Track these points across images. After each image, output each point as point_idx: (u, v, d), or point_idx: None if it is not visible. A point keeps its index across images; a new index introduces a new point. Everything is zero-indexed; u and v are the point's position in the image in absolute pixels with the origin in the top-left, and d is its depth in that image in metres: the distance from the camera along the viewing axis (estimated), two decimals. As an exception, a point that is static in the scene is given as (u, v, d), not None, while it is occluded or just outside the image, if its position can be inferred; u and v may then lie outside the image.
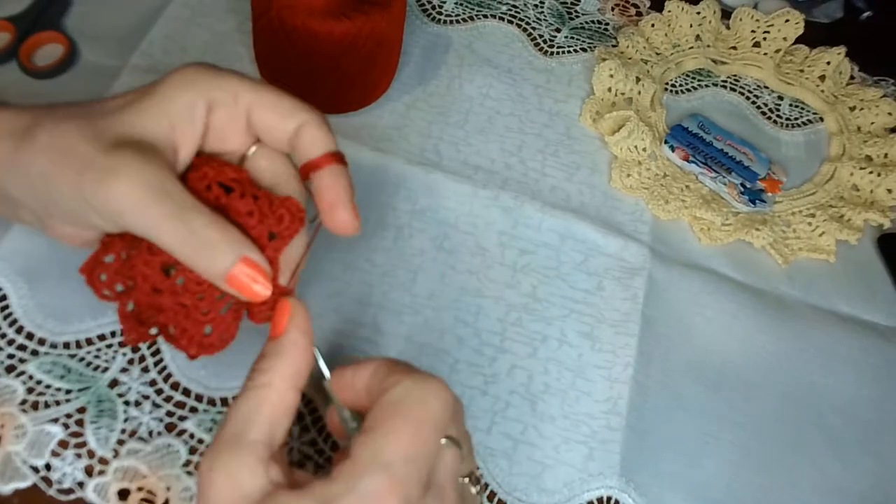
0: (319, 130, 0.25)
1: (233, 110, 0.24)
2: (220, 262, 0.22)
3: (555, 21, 0.47)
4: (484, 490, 0.31)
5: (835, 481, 0.33)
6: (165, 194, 0.22)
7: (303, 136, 0.25)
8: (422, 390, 0.21)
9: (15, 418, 0.30)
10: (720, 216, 0.39)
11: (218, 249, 0.22)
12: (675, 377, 0.35)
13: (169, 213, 0.22)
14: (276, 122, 0.25)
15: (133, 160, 0.22)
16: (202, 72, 0.24)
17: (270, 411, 0.21)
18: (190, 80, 0.24)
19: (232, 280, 0.23)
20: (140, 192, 0.22)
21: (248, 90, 0.24)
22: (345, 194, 0.25)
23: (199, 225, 0.22)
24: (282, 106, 0.25)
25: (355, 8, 0.36)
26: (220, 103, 0.24)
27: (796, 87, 0.46)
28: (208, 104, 0.24)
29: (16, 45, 0.40)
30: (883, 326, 0.38)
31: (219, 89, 0.24)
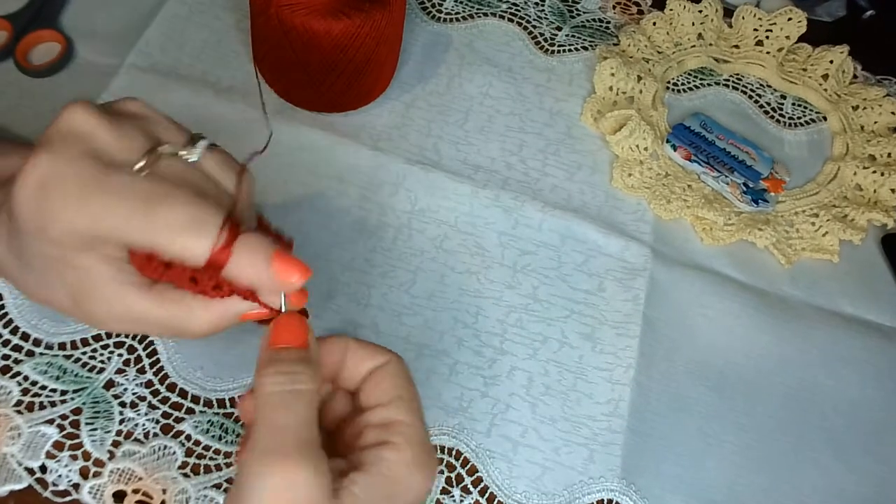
0: (178, 244, 0.22)
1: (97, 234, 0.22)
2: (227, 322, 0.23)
3: (556, 19, 0.47)
4: (484, 493, 0.31)
5: (837, 483, 0.33)
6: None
7: (168, 254, 0.22)
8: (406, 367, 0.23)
9: (10, 419, 0.29)
10: (722, 216, 0.39)
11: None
12: (677, 378, 0.35)
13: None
14: (132, 239, 0.22)
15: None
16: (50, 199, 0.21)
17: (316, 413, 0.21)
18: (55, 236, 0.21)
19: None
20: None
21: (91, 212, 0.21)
22: (259, 275, 0.22)
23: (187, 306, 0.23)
24: (127, 224, 0.21)
25: (354, 6, 0.35)
26: (86, 237, 0.21)
27: (799, 85, 0.46)
28: (86, 247, 0.22)
29: (12, 43, 0.39)
30: (887, 327, 0.38)
31: (76, 231, 0.21)
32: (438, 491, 0.31)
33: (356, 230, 0.37)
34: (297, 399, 0.21)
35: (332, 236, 0.36)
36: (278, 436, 0.20)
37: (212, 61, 0.41)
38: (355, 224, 0.37)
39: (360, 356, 0.24)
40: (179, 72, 0.40)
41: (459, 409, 0.32)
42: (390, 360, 0.24)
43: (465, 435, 0.32)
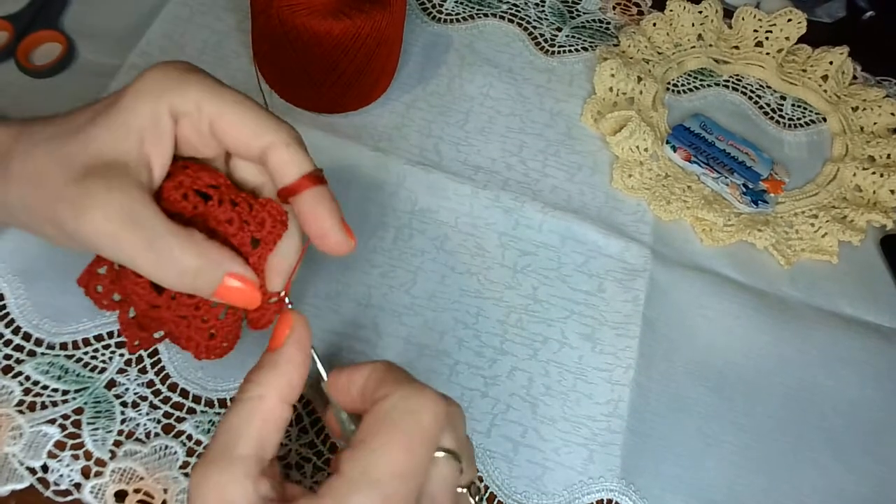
0: (289, 152, 0.23)
1: (196, 122, 0.23)
2: (203, 285, 0.22)
3: (556, 20, 0.47)
4: (484, 493, 0.31)
5: (837, 483, 0.33)
6: (138, 224, 0.21)
7: (272, 159, 0.23)
8: (413, 403, 0.21)
9: (11, 419, 0.29)
10: (722, 217, 0.39)
11: (199, 274, 0.22)
12: (677, 379, 0.35)
13: (143, 243, 0.21)
14: (241, 140, 0.23)
15: (102, 189, 0.21)
16: (166, 77, 0.23)
17: (261, 425, 0.21)
18: (152, 89, 0.22)
19: (221, 295, 0.23)
20: (112, 225, 0.21)
21: (211, 101, 0.22)
22: (329, 218, 0.23)
23: (177, 253, 0.21)
24: (246, 123, 0.23)
25: (355, 7, 0.36)
26: (183, 114, 0.23)
27: (799, 86, 0.46)
28: (172, 115, 0.23)
29: (14, 43, 0.40)
30: (886, 328, 0.38)
31: (181, 98, 0.22)
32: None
33: (356, 230, 0.36)
34: (234, 408, 0.21)
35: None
36: (209, 443, 0.21)
37: (213, 62, 0.41)
38: (356, 224, 0.37)
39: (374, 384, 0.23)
40: (180, 72, 0.40)
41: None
42: (373, 368, 0.23)
43: (466, 435, 0.32)
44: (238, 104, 0.23)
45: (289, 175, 0.23)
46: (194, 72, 0.23)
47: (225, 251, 0.23)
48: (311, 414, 0.31)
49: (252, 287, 0.23)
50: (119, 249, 0.21)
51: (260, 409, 0.21)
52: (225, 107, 0.22)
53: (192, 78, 0.23)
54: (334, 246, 0.24)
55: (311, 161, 0.23)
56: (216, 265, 0.22)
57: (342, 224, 0.24)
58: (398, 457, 0.20)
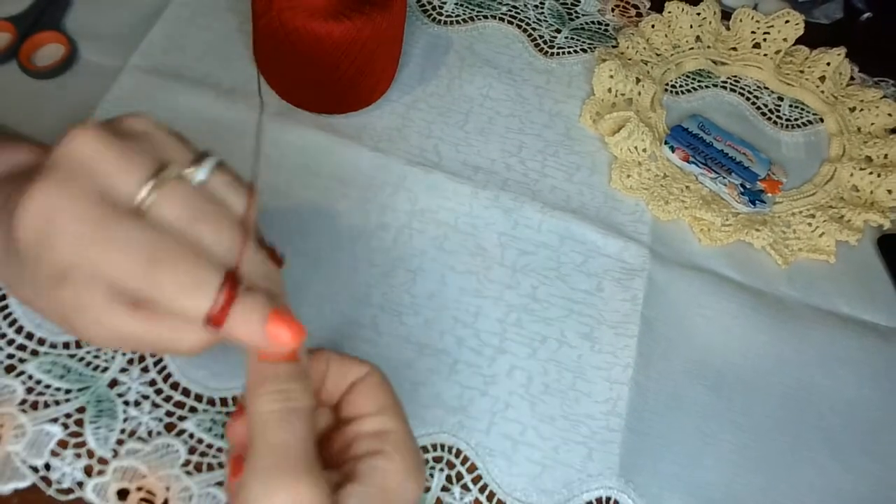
0: (177, 305, 0.21)
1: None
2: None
3: (555, 22, 0.47)
4: (483, 491, 0.31)
5: (834, 482, 0.33)
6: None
7: (168, 311, 0.21)
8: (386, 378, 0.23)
9: (14, 418, 0.30)
10: (720, 217, 0.39)
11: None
12: (675, 378, 0.35)
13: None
14: (141, 294, 0.21)
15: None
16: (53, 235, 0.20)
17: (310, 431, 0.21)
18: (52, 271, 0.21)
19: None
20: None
21: (87, 257, 0.20)
22: (254, 337, 0.21)
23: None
24: (132, 282, 0.21)
25: (356, 9, 0.36)
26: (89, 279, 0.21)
27: (796, 87, 0.46)
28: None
29: (16, 45, 0.40)
30: (883, 327, 0.38)
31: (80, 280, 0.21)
32: (439, 489, 0.31)
33: (357, 230, 0.37)
34: (294, 417, 0.21)
35: (333, 236, 0.37)
36: (279, 455, 0.20)
37: (214, 63, 0.41)
38: (356, 224, 0.37)
39: (340, 370, 0.24)
40: (182, 74, 0.41)
41: (459, 407, 0.33)
42: (371, 372, 0.24)
43: (465, 433, 0.32)
44: (113, 261, 0.20)
45: (195, 318, 0.21)
46: (72, 201, 0.20)
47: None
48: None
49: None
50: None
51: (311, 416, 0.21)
52: (100, 263, 0.20)
53: (68, 227, 0.20)
54: (274, 354, 0.22)
55: (205, 294, 0.21)
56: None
57: (268, 333, 0.21)
58: None
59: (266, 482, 0.20)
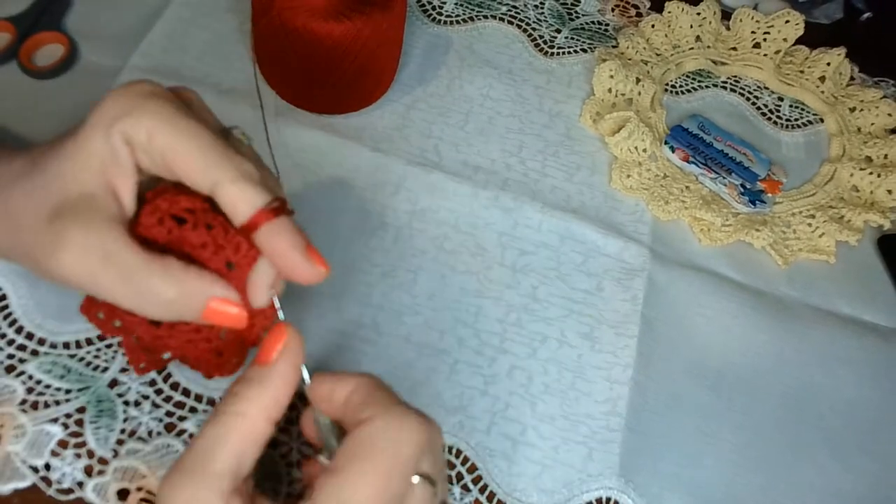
0: (237, 188, 0.21)
1: (148, 152, 0.22)
2: (187, 312, 0.22)
3: (555, 22, 0.47)
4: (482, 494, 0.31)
5: (834, 482, 0.33)
6: (111, 261, 0.21)
7: (221, 198, 0.22)
8: (395, 431, 0.21)
9: (14, 418, 0.30)
10: (720, 217, 0.39)
11: (181, 303, 0.21)
12: (675, 378, 0.35)
13: (119, 280, 0.21)
14: (190, 176, 0.22)
15: (73, 230, 0.21)
16: (120, 104, 0.22)
17: (240, 441, 0.21)
18: (105, 118, 0.22)
19: (208, 318, 0.22)
20: (85, 265, 0.21)
21: (162, 131, 0.21)
22: (290, 250, 0.22)
23: (155, 284, 0.21)
24: (194, 158, 0.21)
25: (356, 9, 0.36)
26: (136, 142, 0.22)
27: (796, 87, 0.46)
28: (127, 142, 0.22)
29: (16, 45, 0.40)
30: (883, 327, 0.38)
31: (133, 125, 0.21)
32: (439, 489, 0.31)
33: (357, 230, 0.37)
34: (212, 422, 0.21)
35: (334, 236, 0.37)
36: (182, 456, 0.21)
37: (214, 63, 0.41)
38: (356, 224, 0.37)
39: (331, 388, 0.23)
40: (182, 73, 0.41)
41: (459, 407, 0.33)
42: (359, 382, 0.23)
43: (465, 433, 0.32)
44: (189, 138, 0.22)
45: (241, 212, 0.22)
46: (153, 97, 0.22)
47: (205, 276, 0.22)
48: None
49: (237, 307, 0.22)
50: (97, 288, 0.21)
51: (241, 425, 0.21)
52: (175, 139, 0.21)
53: (147, 105, 0.22)
54: (303, 277, 0.22)
55: (265, 194, 0.22)
56: (197, 292, 0.22)
57: (307, 253, 0.22)
58: (374, 486, 0.20)
59: (171, 480, 0.20)
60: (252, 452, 0.21)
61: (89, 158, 0.22)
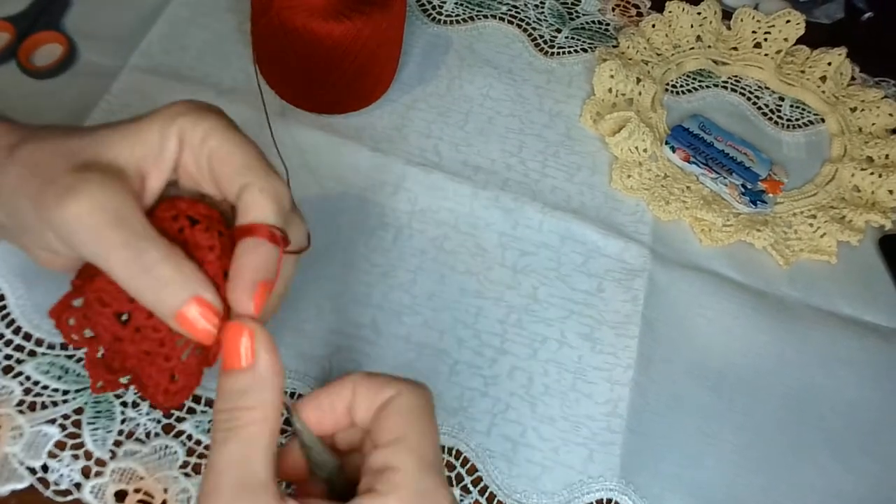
0: (260, 196, 0.22)
1: (198, 154, 0.23)
2: (170, 300, 0.21)
3: (555, 21, 0.47)
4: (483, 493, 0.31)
5: (835, 483, 0.33)
6: (121, 221, 0.21)
7: (242, 197, 0.22)
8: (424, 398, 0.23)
9: (12, 419, 0.29)
10: (721, 217, 0.39)
11: (169, 287, 0.21)
12: (676, 379, 0.35)
13: (122, 241, 0.21)
14: (225, 175, 0.23)
15: (95, 182, 0.21)
16: (186, 107, 0.23)
17: (270, 444, 0.21)
18: (173, 114, 0.23)
19: (181, 319, 0.21)
20: (95, 216, 0.21)
21: (216, 136, 0.22)
22: (246, 273, 0.22)
23: (152, 258, 0.21)
24: (235, 160, 0.22)
25: (355, 8, 0.36)
26: (189, 143, 0.23)
27: (797, 87, 0.46)
28: (179, 139, 0.23)
29: (15, 44, 0.40)
30: (884, 328, 0.38)
31: (191, 127, 0.23)
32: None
33: (357, 230, 0.37)
34: (233, 438, 0.20)
35: (333, 236, 0.36)
36: (212, 479, 0.20)
37: (214, 63, 0.41)
38: (356, 224, 0.37)
39: (370, 391, 0.23)
40: (181, 73, 0.41)
41: (459, 408, 0.33)
42: (398, 394, 0.22)
43: (465, 434, 0.32)
44: (239, 144, 0.23)
45: (250, 216, 0.22)
46: (215, 112, 0.24)
47: (200, 275, 0.22)
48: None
49: (212, 320, 0.22)
50: (96, 242, 0.21)
51: (265, 430, 0.21)
52: (226, 143, 0.23)
53: (209, 114, 0.23)
54: (232, 301, 0.22)
55: (278, 216, 0.22)
56: (187, 282, 0.21)
57: (253, 287, 0.22)
58: (434, 440, 0.22)
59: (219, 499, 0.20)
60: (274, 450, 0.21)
61: (136, 139, 0.23)
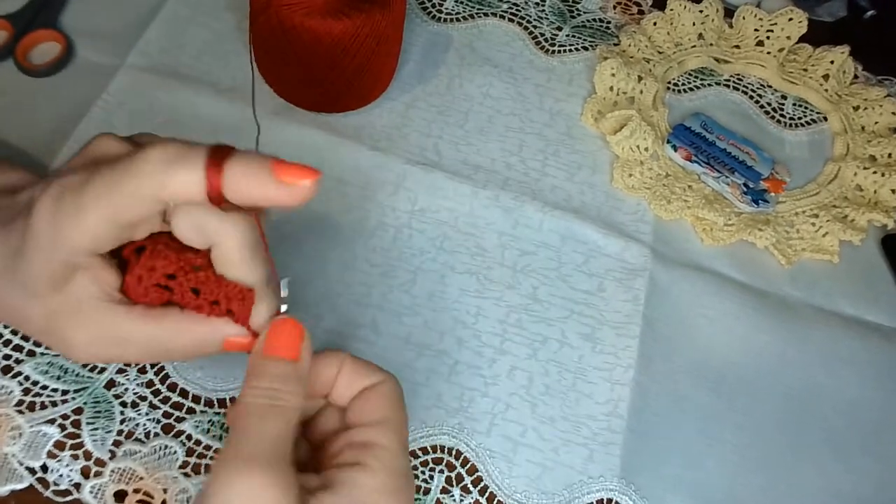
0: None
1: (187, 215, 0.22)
2: (207, 351, 0.23)
3: (556, 19, 0.47)
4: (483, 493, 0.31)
5: (837, 483, 0.33)
6: (127, 342, 0.23)
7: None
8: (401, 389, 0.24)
9: (11, 419, 0.29)
10: (723, 216, 0.39)
11: (199, 348, 0.23)
12: (677, 379, 0.35)
13: (140, 352, 0.23)
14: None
15: (78, 332, 0.22)
16: (167, 166, 0.21)
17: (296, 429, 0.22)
18: (157, 186, 0.21)
19: (227, 349, 0.24)
20: (104, 353, 0.23)
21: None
22: (261, 184, 0.21)
23: (171, 348, 0.23)
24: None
25: (354, 6, 0.35)
26: (180, 210, 0.22)
27: (800, 86, 0.46)
28: (168, 210, 0.22)
29: (12, 43, 0.40)
30: (886, 327, 0.38)
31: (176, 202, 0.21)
32: (438, 490, 0.31)
33: (356, 230, 0.37)
34: (274, 413, 0.21)
35: (332, 236, 0.36)
36: (249, 445, 0.20)
37: (212, 61, 0.41)
38: (355, 224, 0.37)
39: (355, 373, 0.24)
40: (180, 72, 0.40)
41: (459, 408, 0.33)
42: (384, 381, 0.24)
43: (465, 434, 0.32)
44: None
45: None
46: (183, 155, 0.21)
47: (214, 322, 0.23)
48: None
49: (250, 342, 0.23)
50: (121, 360, 0.24)
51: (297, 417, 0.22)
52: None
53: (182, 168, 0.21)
54: (288, 202, 0.22)
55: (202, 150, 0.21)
56: (213, 335, 0.23)
57: (279, 176, 0.21)
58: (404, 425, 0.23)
59: (230, 470, 0.20)
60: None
61: (124, 212, 0.22)
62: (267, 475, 0.20)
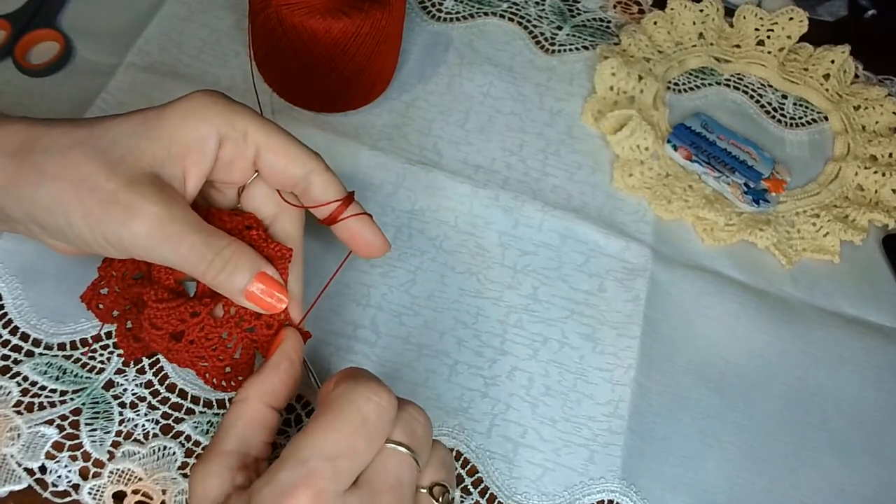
0: (327, 176, 0.27)
1: (241, 148, 0.26)
2: (239, 279, 0.25)
3: (556, 19, 0.47)
4: (482, 496, 0.31)
5: (838, 484, 0.33)
6: (183, 221, 0.24)
7: (313, 183, 0.26)
8: (357, 393, 0.22)
9: (9, 420, 0.29)
10: (723, 216, 0.39)
11: (237, 267, 0.25)
12: (678, 379, 0.35)
13: (189, 234, 0.24)
14: (284, 167, 0.26)
15: (151, 198, 0.23)
16: (214, 103, 0.25)
17: (244, 424, 0.24)
18: (202, 111, 0.25)
19: (250, 295, 0.25)
20: (161, 230, 0.23)
21: (258, 131, 0.26)
22: (373, 234, 0.28)
23: (218, 244, 0.24)
24: (291, 152, 0.26)
25: (354, 5, 0.35)
26: (230, 139, 0.25)
27: (800, 85, 0.46)
28: (219, 139, 0.25)
29: (11, 42, 0.39)
30: (888, 328, 0.38)
31: (230, 126, 0.25)
32: (438, 492, 0.31)
33: (356, 230, 0.36)
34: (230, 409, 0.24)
35: (332, 236, 0.36)
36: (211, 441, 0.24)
37: (211, 61, 0.41)
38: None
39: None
40: (178, 71, 0.40)
41: (459, 409, 0.32)
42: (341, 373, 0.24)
43: (466, 435, 0.32)
44: (281, 135, 0.26)
45: (327, 197, 0.27)
46: (238, 103, 0.26)
47: (260, 256, 0.26)
48: (310, 415, 0.31)
49: (280, 290, 0.25)
50: (161, 247, 0.24)
51: (244, 410, 0.24)
52: (270, 136, 0.26)
53: (237, 108, 0.26)
54: (378, 251, 0.28)
55: (342, 184, 0.27)
56: (252, 262, 0.25)
57: (382, 234, 0.28)
58: (330, 439, 0.21)
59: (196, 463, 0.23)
60: (257, 434, 0.24)
61: (175, 144, 0.24)
62: (195, 467, 0.23)
